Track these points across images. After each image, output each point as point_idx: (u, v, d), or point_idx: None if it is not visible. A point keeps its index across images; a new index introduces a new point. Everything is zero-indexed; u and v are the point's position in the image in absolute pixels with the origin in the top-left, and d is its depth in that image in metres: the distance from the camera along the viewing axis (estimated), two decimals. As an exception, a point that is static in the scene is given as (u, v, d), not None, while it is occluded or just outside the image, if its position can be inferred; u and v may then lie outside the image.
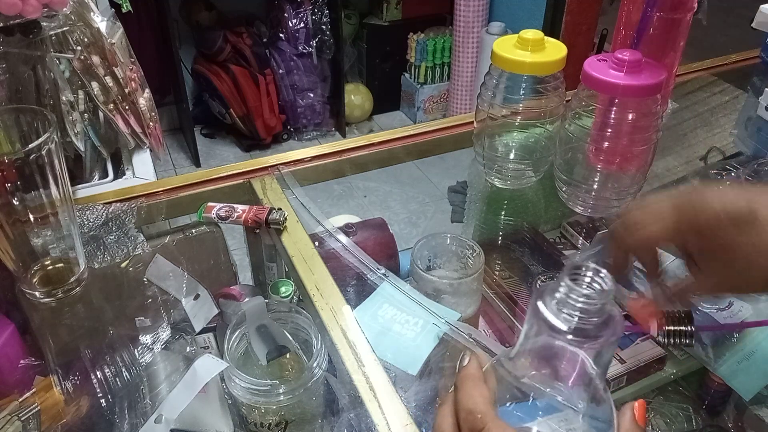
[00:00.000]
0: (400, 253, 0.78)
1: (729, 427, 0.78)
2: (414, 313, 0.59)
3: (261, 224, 0.66)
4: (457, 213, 1.29)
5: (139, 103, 0.85)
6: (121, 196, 0.72)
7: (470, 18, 2.59)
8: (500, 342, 0.71)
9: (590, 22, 2.28)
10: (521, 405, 0.35)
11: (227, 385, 0.61)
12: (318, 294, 0.59)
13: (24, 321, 0.64)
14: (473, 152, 0.81)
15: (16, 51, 0.73)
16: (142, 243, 0.67)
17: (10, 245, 0.57)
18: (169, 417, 0.54)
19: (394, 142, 0.84)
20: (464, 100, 2.84)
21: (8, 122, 0.57)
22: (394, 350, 0.56)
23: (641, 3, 0.72)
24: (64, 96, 0.79)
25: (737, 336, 0.67)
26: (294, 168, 0.78)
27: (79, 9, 0.77)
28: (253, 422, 0.62)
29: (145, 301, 0.67)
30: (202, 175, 0.76)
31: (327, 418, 0.65)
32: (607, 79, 0.65)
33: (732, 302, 0.68)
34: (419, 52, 2.85)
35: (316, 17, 2.64)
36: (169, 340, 0.66)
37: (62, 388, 0.61)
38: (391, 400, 0.49)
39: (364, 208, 2.38)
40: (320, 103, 2.85)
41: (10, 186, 0.53)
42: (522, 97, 0.73)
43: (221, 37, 2.53)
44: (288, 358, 0.66)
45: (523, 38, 0.70)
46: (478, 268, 0.65)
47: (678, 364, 0.73)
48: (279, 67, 2.69)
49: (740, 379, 0.67)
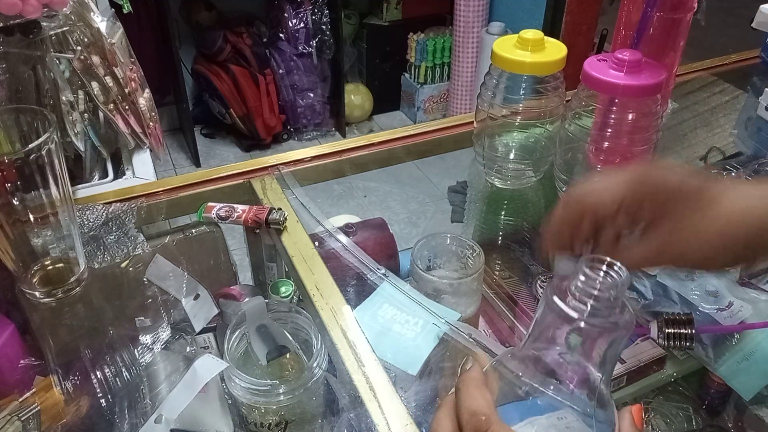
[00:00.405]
0: (400, 253, 0.78)
1: (729, 427, 0.78)
2: (414, 313, 0.59)
3: (261, 224, 0.66)
4: (457, 213, 1.29)
5: (139, 103, 0.85)
6: (121, 196, 0.72)
7: (470, 18, 2.59)
8: (500, 342, 0.71)
9: (590, 22, 2.28)
10: (521, 404, 0.36)
11: (227, 385, 0.61)
12: (318, 294, 0.59)
13: (24, 321, 0.64)
14: (473, 152, 0.81)
15: (16, 51, 0.73)
16: (142, 243, 0.67)
17: (10, 245, 0.57)
18: (169, 417, 0.54)
19: (394, 142, 0.84)
20: (464, 100, 2.84)
21: (8, 122, 0.57)
22: (394, 350, 0.56)
23: (641, 3, 0.72)
24: (64, 96, 0.79)
25: (737, 336, 0.67)
26: (294, 168, 0.78)
27: (79, 9, 0.77)
28: (253, 422, 0.62)
29: (145, 301, 0.67)
30: (202, 175, 0.76)
31: (327, 418, 0.65)
32: (607, 79, 0.65)
33: (732, 302, 0.68)
34: (419, 52, 2.85)
35: (316, 17, 2.64)
36: (169, 340, 0.66)
37: (62, 388, 0.61)
38: (391, 400, 0.49)
39: (364, 208, 2.38)
40: (320, 103, 2.85)
41: (10, 186, 0.53)
42: (522, 97, 0.73)
43: (221, 37, 2.53)
44: (288, 358, 0.66)
45: (523, 38, 0.70)
46: (478, 268, 0.65)
47: (678, 364, 0.73)
48: (279, 67, 2.69)
49: (740, 379, 0.67)
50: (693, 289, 0.70)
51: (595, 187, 0.44)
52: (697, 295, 0.69)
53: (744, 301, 0.68)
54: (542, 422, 0.34)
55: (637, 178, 0.43)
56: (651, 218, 0.43)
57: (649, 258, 0.44)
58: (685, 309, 0.68)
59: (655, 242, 0.42)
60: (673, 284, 0.71)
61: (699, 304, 0.68)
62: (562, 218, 0.46)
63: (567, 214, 0.46)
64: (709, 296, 0.69)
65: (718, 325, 0.66)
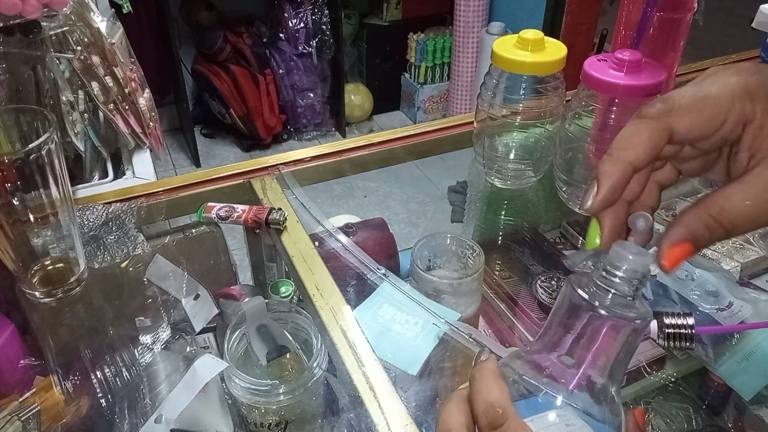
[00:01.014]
0: (400, 253, 0.78)
1: (729, 427, 0.78)
2: (414, 313, 0.59)
3: (261, 224, 0.66)
4: (457, 213, 1.29)
5: (139, 103, 0.85)
6: (121, 196, 0.72)
7: (470, 18, 2.59)
8: (500, 342, 0.72)
9: (590, 22, 2.28)
10: (531, 401, 0.35)
11: (227, 385, 0.61)
12: (318, 294, 0.59)
13: (24, 321, 0.64)
14: (473, 152, 0.81)
15: (16, 51, 0.73)
16: (142, 243, 0.67)
17: (10, 245, 0.57)
18: (169, 417, 0.54)
19: (394, 142, 0.84)
20: (464, 100, 2.84)
21: (8, 122, 0.57)
22: (394, 350, 0.56)
23: (641, 3, 0.72)
24: (64, 96, 0.79)
25: (737, 336, 0.67)
26: (294, 168, 0.78)
27: (79, 9, 0.77)
28: (253, 422, 0.62)
29: (145, 301, 0.67)
30: (202, 175, 0.76)
31: (327, 418, 0.65)
32: (607, 79, 0.65)
33: (732, 302, 0.68)
34: (419, 52, 2.85)
35: (316, 17, 2.64)
36: (169, 340, 0.66)
37: (62, 388, 0.61)
38: (391, 400, 0.49)
39: (364, 208, 2.38)
40: (320, 103, 2.85)
41: (10, 186, 0.53)
42: (522, 97, 0.73)
43: (221, 37, 2.53)
44: (288, 358, 0.66)
45: (523, 38, 0.70)
46: (478, 268, 0.65)
47: (678, 364, 0.73)
48: (279, 67, 2.69)
49: (740, 379, 0.67)
50: (693, 289, 0.70)
51: (684, 99, 0.32)
52: (697, 295, 0.69)
53: (744, 301, 0.68)
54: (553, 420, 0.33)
55: (745, 83, 0.32)
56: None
57: (762, 208, 0.31)
58: (685, 309, 0.68)
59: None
60: (673, 284, 0.71)
61: (699, 304, 0.68)
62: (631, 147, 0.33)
63: (639, 140, 0.33)
64: (709, 296, 0.69)
65: (718, 325, 0.66)
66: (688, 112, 0.32)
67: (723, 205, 0.31)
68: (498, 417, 0.31)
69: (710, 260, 0.77)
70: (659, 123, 0.32)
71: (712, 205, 0.32)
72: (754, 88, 0.31)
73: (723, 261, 0.78)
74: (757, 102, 0.31)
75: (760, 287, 0.75)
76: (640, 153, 0.32)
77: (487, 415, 0.31)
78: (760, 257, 0.79)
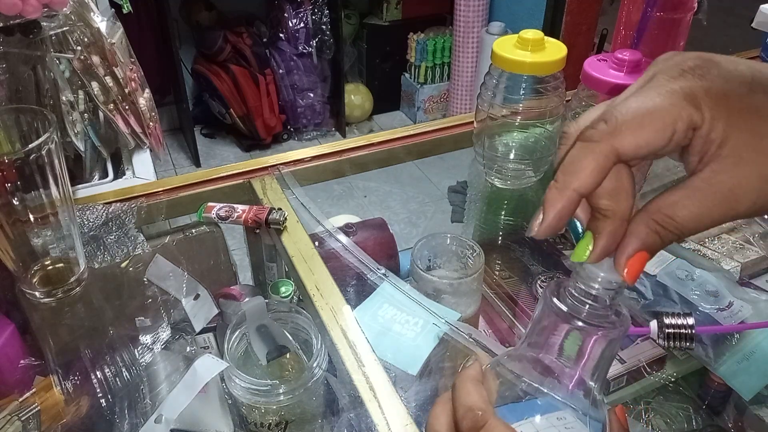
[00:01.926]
0: (400, 253, 0.78)
1: (729, 427, 0.78)
2: (414, 313, 0.59)
3: (261, 224, 0.66)
4: (457, 213, 1.29)
5: (139, 103, 0.85)
6: (121, 196, 0.72)
7: (470, 18, 2.59)
8: (500, 342, 0.72)
9: (590, 22, 2.28)
10: (519, 404, 0.36)
11: (227, 385, 0.61)
12: (318, 294, 0.59)
13: (24, 321, 0.64)
14: (473, 152, 0.81)
15: (16, 51, 0.73)
16: (142, 243, 0.67)
17: (10, 245, 0.57)
18: (169, 417, 0.54)
19: (394, 142, 0.84)
20: (464, 100, 2.84)
21: (8, 122, 0.57)
22: (394, 350, 0.56)
23: (641, 3, 0.72)
24: (64, 96, 0.79)
25: (737, 336, 0.67)
26: (294, 168, 0.78)
27: (79, 9, 0.77)
28: (253, 422, 0.62)
29: (145, 301, 0.67)
30: (202, 175, 0.76)
31: (327, 418, 0.65)
32: (607, 79, 0.65)
33: (732, 302, 0.68)
34: (419, 52, 2.85)
35: (316, 17, 2.64)
36: (169, 340, 0.66)
37: (62, 388, 0.61)
38: (391, 400, 0.49)
39: (364, 208, 2.38)
40: (320, 103, 2.85)
41: (10, 186, 0.53)
42: (522, 97, 0.73)
43: (221, 37, 2.53)
44: (288, 358, 0.66)
45: (523, 38, 0.70)
46: (478, 268, 0.65)
47: (678, 364, 0.73)
48: (279, 67, 2.69)
49: (740, 379, 0.67)
50: (693, 289, 0.70)
51: (628, 115, 0.31)
52: (697, 295, 0.69)
53: (744, 301, 0.68)
54: (541, 422, 0.34)
55: (690, 89, 0.30)
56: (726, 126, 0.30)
57: (714, 211, 0.30)
58: (685, 309, 0.68)
59: (729, 182, 0.30)
60: (673, 284, 0.71)
61: (699, 304, 0.68)
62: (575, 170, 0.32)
63: (583, 167, 0.31)
64: (709, 296, 0.69)
65: (718, 325, 0.66)
66: (633, 130, 0.31)
67: (668, 213, 0.31)
68: (478, 419, 0.33)
69: (710, 260, 0.77)
70: (603, 147, 0.31)
71: (657, 213, 0.32)
72: (701, 94, 0.30)
73: (723, 261, 0.77)
74: (705, 109, 0.30)
75: (760, 287, 0.75)
76: (583, 180, 0.31)
77: (467, 419, 0.33)
78: (760, 257, 0.79)
